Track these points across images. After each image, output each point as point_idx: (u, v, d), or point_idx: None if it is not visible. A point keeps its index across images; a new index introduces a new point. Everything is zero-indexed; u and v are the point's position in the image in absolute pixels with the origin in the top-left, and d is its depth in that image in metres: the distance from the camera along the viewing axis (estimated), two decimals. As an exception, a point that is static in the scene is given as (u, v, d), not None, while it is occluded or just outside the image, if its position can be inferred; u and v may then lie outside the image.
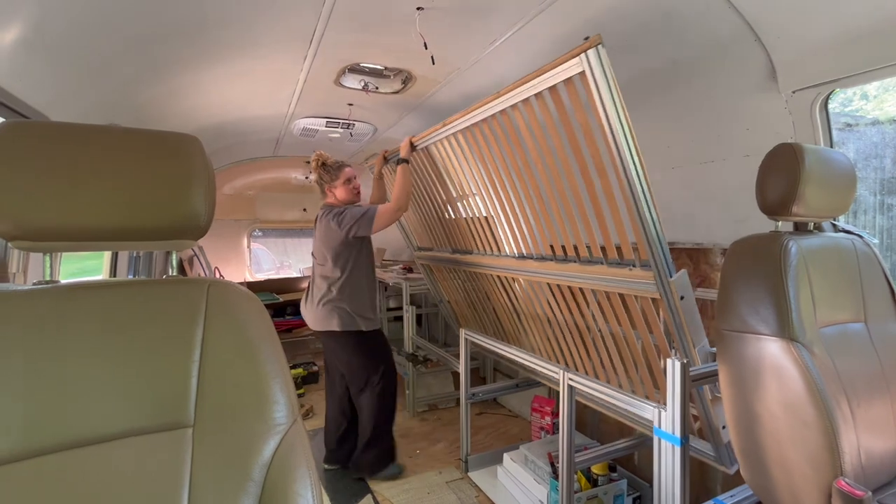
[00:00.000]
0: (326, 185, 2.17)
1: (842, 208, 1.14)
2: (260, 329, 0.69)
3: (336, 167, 2.16)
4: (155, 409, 0.60)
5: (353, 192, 2.18)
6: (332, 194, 2.18)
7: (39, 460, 0.55)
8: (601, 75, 1.13)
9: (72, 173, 0.62)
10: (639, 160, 1.18)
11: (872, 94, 1.63)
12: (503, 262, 1.95)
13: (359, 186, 2.21)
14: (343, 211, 2.06)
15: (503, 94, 1.46)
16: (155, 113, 2.12)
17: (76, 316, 0.62)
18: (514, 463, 2.15)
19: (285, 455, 0.62)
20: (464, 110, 1.67)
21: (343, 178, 2.15)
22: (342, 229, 2.04)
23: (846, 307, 1.08)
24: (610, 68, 1.12)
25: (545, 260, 1.70)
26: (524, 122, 1.49)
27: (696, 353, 1.32)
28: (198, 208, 0.67)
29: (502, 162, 1.67)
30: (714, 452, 1.44)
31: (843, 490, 0.83)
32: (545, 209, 1.59)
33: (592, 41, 1.10)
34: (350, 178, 2.17)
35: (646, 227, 1.21)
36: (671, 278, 1.24)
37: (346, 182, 2.16)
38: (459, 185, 2.07)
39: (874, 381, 1.05)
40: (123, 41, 1.47)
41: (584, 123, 1.28)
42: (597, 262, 1.47)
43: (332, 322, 2.11)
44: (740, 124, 1.60)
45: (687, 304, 1.27)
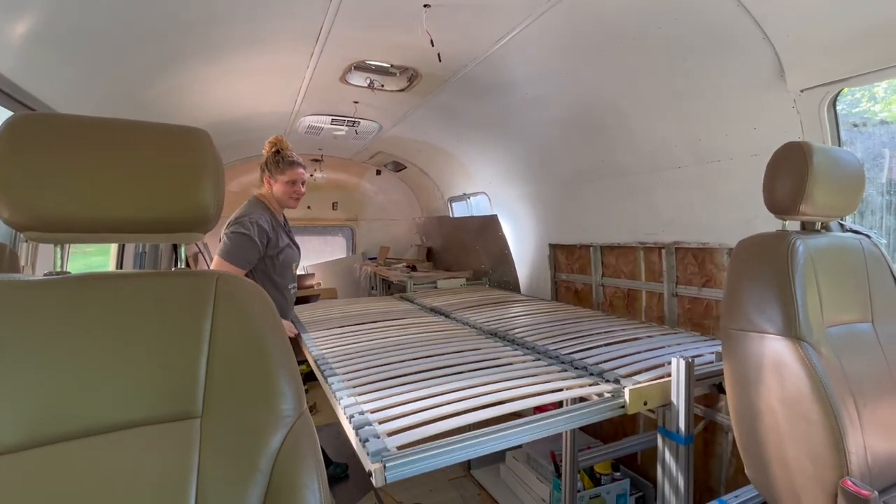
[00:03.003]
0: (267, 174, 1.90)
1: (850, 208, 1.13)
2: (267, 322, 0.69)
3: (289, 161, 1.89)
4: (164, 399, 0.61)
5: (291, 196, 1.91)
6: (268, 186, 1.90)
7: (50, 448, 0.55)
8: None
9: (83, 165, 0.62)
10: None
11: (881, 96, 1.61)
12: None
13: (301, 194, 1.95)
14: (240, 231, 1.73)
15: None
16: (163, 108, 2.13)
17: (86, 306, 0.62)
18: (517, 461, 2.15)
19: (293, 446, 0.63)
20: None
21: (290, 176, 1.89)
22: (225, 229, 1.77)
23: (853, 307, 1.08)
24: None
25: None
26: None
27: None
28: (207, 201, 0.68)
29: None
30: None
31: (850, 490, 0.83)
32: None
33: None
34: (296, 181, 1.91)
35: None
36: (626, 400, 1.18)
37: (290, 182, 1.89)
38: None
39: (881, 382, 1.04)
40: (132, 37, 1.48)
41: None
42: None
43: None
44: (748, 123, 1.59)
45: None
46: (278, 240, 1.86)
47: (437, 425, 1.05)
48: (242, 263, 1.73)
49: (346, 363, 1.51)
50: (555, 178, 2.69)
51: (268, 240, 1.80)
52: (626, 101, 1.91)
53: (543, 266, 2.93)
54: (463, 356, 1.54)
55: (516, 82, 2.10)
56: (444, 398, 1.18)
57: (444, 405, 1.14)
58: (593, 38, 1.63)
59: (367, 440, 0.98)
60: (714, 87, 1.60)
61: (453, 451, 0.97)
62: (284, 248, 1.89)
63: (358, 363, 1.50)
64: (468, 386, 1.26)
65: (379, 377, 1.36)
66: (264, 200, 1.91)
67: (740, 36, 1.38)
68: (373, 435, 1.00)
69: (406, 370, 1.41)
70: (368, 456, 0.93)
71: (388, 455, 0.93)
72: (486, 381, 1.29)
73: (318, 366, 1.54)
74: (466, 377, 1.33)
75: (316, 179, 4.70)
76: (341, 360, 1.56)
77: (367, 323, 2.11)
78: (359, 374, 1.41)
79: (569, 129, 2.30)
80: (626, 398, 1.17)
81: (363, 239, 5.03)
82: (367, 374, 1.40)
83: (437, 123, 2.93)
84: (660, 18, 1.45)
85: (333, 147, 3.85)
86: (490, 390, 1.22)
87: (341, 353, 1.64)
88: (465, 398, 1.18)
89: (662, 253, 2.09)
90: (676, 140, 1.86)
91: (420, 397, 1.19)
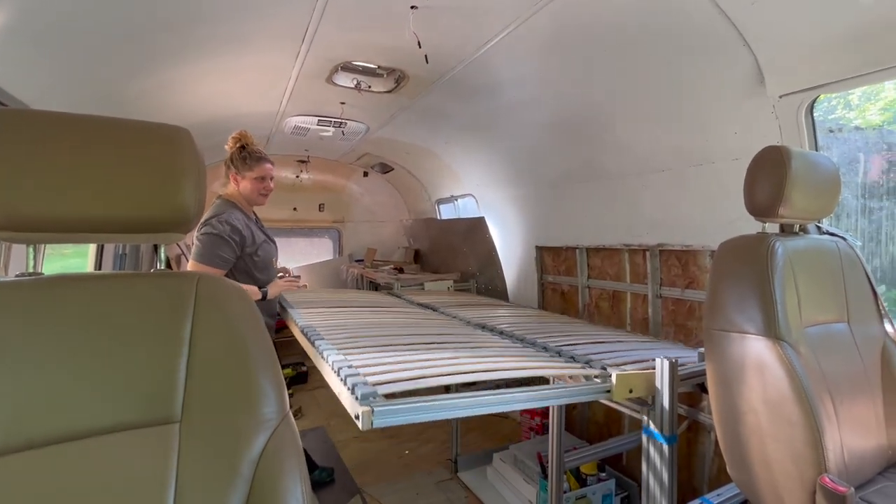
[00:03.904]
0: (234, 172, 1.79)
1: (826, 211, 1.16)
2: (249, 324, 0.68)
3: (256, 157, 1.79)
4: (141, 404, 0.59)
5: (259, 193, 1.82)
6: (235, 184, 1.81)
7: (21, 456, 0.53)
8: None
9: (58, 163, 0.60)
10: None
11: (855, 103, 1.66)
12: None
13: (270, 190, 1.85)
14: (213, 232, 1.66)
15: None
16: (144, 107, 2.09)
17: (59, 308, 0.60)
18: (504, 463, 2.15)
19: (275, 451, 0.61)
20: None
21: (258, 172, 1.79)
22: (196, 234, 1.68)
23: (830, 308, 1.10)
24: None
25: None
26: None
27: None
28: (187, 201, 0.66)
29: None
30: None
31: (827, 486, 0.85)
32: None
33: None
34: (265, 177, 1.81)
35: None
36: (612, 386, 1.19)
37: (259, 179, 1.79)
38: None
39: (857, 380, 1.07)
40: (112, 33, 1.45)
41: None
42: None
43: None
44: (729, 127, 1.62)
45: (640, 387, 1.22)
46: (254, 236, 1.79)
47: (425, 381, 1.05)
48: (218, 263, 1.67)
49: (335, 333, 1.50)
50: (542, 181, 2.71)
51: (241, 237, 1.73)
52: (611, 105, 1.93)
53: (530, 268, 2.94)
54: (452, 337, 1.55)
55: (503, 85, 2.11)
56: (432, 362, 1.19)
57: (432, 367, 1.15)
58: (579, 43, 1.65)
59: (356, 385, 0.99)
60: (697, 92, 1.63)
61: (441, 408, 0.97)
62: (262, 243, 1.83)
63: (346, 333, 1.50)
64: (457, 356, 1.26)
65: (367, 344, 1.36)
66: (232, 200, 1.82)
67: (722, 42, 1.41)
68: (361, 383, 1.01)
69: (395, 341, 1.41)
70: (357, 400, 0.93)
71: (377, 401, 0.93)
72: (474, 354, 1.30)
73: (305, 334, 1.51)
74: (455, 349, 1.34)
75: (302, 181, 4.65)
76: (329, 330, 1.55)
77: (356, 307, 2.08)
78: (347, 340, 1.41)
79: (556, 132, 2.31)
80: (613, 382, 1.18)
81: (350, 241, 4.99)
82: (356, 340, 1.40)
83: (424, 125, 2.93)
84: (644, 24, 1.48)
85: (320, 148, 3.82)
86: (478, 362, 1.23)
87: (329, 325, 1.62)
88: (454, 363, 1.19)
89: (647, 255, 2.12)
90: (661, 143, 1.89)
91: (408, 360, 1.20)
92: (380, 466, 2.42)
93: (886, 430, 1.09)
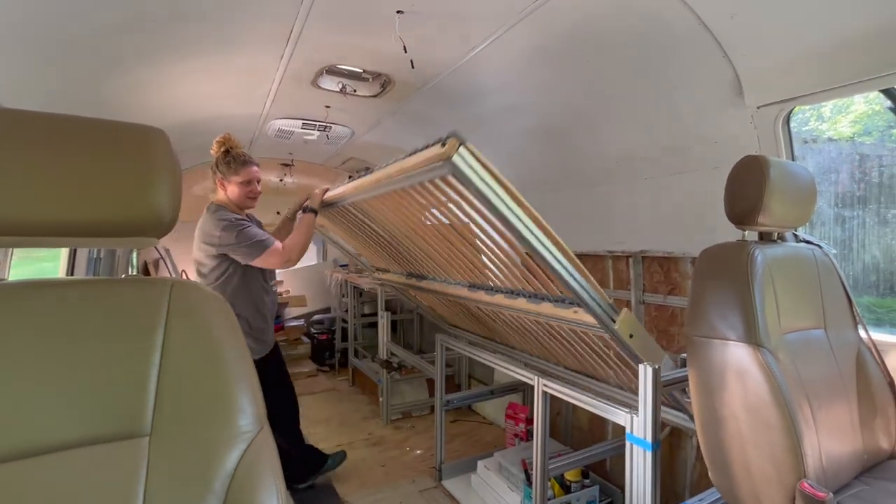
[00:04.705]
0: (220, 177, 1.80)
1: (803, 219, 1.19)
2: (226, 331, 0.65)
3: (241, 161, 1.79)
4: (108, 417, 0.56)
5: (248, 197, 1.83)
6: (222, 189, 1.81)
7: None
8: (471, 175, 0.97)
9: (25, 163, 0.58)
10: (538, 230, 1.04)
11: (827, 116, 1.72)
12: (456, 290, 1.79)
13: (258, 194, 1.87)
14: (238, 224, 1.73)
15: (374, 182, 1.32)
16: (120, 107, 2.03)
17: (25, 316, 0.57)
18: (488, 470, 2.13)
19: (250, 465, 0.59)
20: (356, 182, 1.48)
21: (244, 176, 1.80)
22: (220, 242, 1.73)
23: (808, 314, 1.13)
24: (478, 165, 0.98)
25: (494, 293, 1.55)
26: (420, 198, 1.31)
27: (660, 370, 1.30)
28: (161, 204, 0.64)
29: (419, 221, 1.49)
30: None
31: (806, 492, 0.86)
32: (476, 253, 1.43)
33: (450, 148, 0.95)
34: (252, 180, 1.82)
35: (568, 285, 1.09)
36: (615, 325, 1.14)
37: (245, 183, 1.80)
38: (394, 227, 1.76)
39: (833, 386, 1.09)
40: (86, 30, 1.41)
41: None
42: (543, 299, 1.35)
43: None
44: (709, 137, 1.65)
45: (638, 339, 1.18)
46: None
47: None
48: (268, 239, 1.77)
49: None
50: (525, 187, 2.70)
51: (248, 221, 1.80)
52: (594, 113, 1.96)
53: (515, 274, 2.94)
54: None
55: (488, 91, 2.12)
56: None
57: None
58: (563, 51, 1.67)
59: None
60: (678, 102, 1.66)
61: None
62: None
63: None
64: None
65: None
66: (223, 205, 1.82)
67: (703, 53, 1.44)
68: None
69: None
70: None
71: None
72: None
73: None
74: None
75: (286, 184, 4.59)
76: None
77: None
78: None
79: (539, 139, 2.33)
80: (620, 318, 1.13)
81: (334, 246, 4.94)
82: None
83: (410, 130, 2.92)
84: (627, 34, 1.50)
85: (304, 152, 3.78)
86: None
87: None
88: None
89: (630, 261, 2.14)
90: (643, 152, 1.91)
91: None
92: (362, 475, 2.38)
93: (862, 434, 1.11)
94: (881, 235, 1.59)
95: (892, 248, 1.57)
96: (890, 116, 1.56)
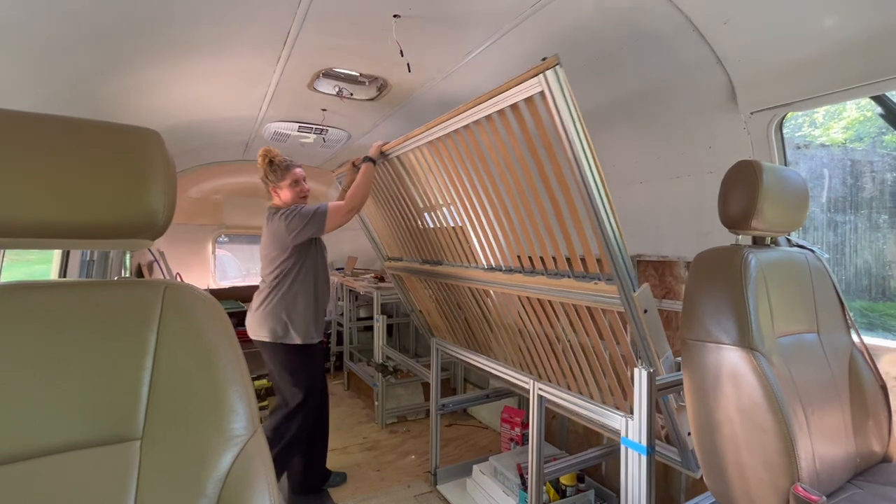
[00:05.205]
0: (272, 185, 2.02)
1: (796, 224, 1.20)
2: (219, 334, 0.65)
3: (284, 166, 2.00)
4: (99, 421, 0.56)
5: (299, 196, 2.03)
6: (276, 195, 2.04)
7: None
8: (559, 94, 1.13)
9: (16, 164, 0.57)
10: (599, 176, 1.18)
11: (820, 122, 1.74)
12: (472, 273, 1.91)
13: (307, 190, 2.07)
14: (293, 211, 1.93)
15: (464, 111, 1.45)
16: (115, 110, 2.02)
17: (15, 318, 0.57)
18: (484, 475, 2.13)
19: (243, 469, 0.59)
20: (427, 123, 1.65)
21: (290, 178, 2.00)
22: (290, 232, 1.91)
23: (801, 318, 1.13)
24: (568, 88, 1.11)
25: (513, 272, 1.68)
26: (488, 138, 1.47)
27: (660, 364, 1.35)
28: (155, 206, 0.64)
29: (468, 175, 1.65)
30: (681, 458, 1.46)
31: (800, 495, 0.86)
32: (511, 222, 1.58)
33: (550, 62, 1.12)
34: (298, 180, 2.02)
35: (608, 242, 1.20)
36: (634, 293, 1.24)
37: (293, 184, 2.00)
38: (428, 196, 2.00)
39: (826, 390, 1.10)
40: (80, 30, 1.40)
41: (546, 141, 1.28)
42: (563, 276, 1.46)
43: (262, 331, 1.97)
44: (704, 142, 1.67)
45: (650, 317, 1.27)
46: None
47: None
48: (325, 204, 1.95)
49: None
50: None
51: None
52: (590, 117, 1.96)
53: (511, 277, 2.95)
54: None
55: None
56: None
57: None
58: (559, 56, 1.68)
59: None
60: (673, 107, 1.67)
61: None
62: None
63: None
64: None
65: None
66: (280, 208, 2.00)
67: (697, 60, 1.46)
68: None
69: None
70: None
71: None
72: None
73: None
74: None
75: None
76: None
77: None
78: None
79: (536, 143, 2.34)
80: (640, 289, 1.22)
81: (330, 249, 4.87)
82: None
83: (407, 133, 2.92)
84: (624, 40, 1.51)
85: (300, 155, 3.76)
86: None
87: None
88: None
89: (625, 265, 2.14)
90: (639, 156, 1.93)
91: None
92: (357, 480, 2.37)
93: (854, 438, 1.12)
94: (873, 240, 1.61)
95: (884, 252, 1.59)
96: (881, 122, 1.58)
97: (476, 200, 1.68)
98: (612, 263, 1.22)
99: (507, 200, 1.54)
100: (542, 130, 1.27)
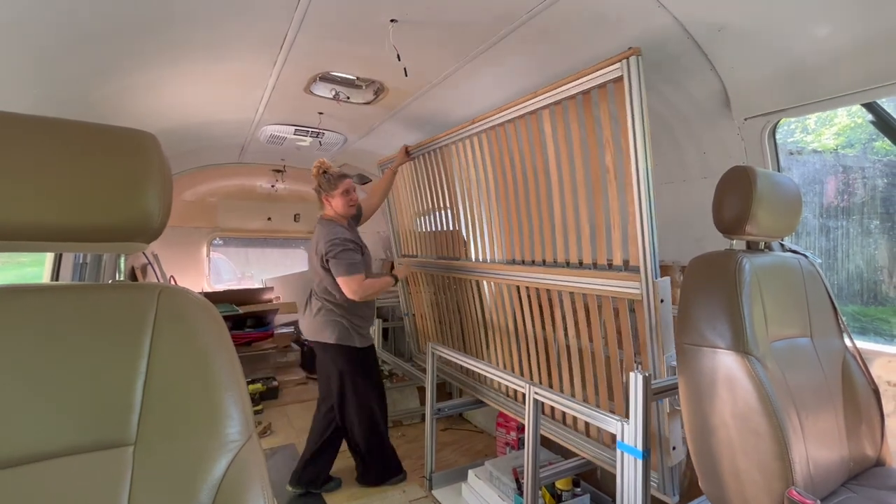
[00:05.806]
0: (324, 194, 2.18)
1: (789, 229, 1.21)
2: (214, 338, 0.64)
3: (336, 177, 2.17)
4: (91, 427, 0.55)
5: (349, 205, 2.19)
6: (328, 204, 2.19)
7: None
8: (636, 81, 1.26)
9: (9, 166, 0.57)
10: (651, 169, 1.32)
11: (812, 128, 1.76)
12: (488, 266, 2.08)
13: (357, 200, 2.22)
14: (344, 248, 2.05)
15: (542, 94, 1.57)
16: (110, 111, 2.01)
17: (6, 322, 0.56)
18: (479, 479, 2.12)
19: (237, 474, 0.58)
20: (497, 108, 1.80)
21: (342, 188, 2.16)
22: (326, 254, 2.06)
23: (794, 323, 1.14)
24: (644, 78, 1.25)
25: (533, 264, 1.82)
26: (550, 125, 1.61)
27: (664, 360, 1.36)
28: (150, 208, 0.63)
29: (519, 167, 1.83)
30: (659, 476, 1.47)
31: (795, 499, 0.86)
32: (548, 218, 1.72)
33: (634, 50, 1.25)
34: (349, 190, 2.18)
35: (643, 228, 1.32)
36: (657, 279, 1.33)
37: (344, 193, 2.16)
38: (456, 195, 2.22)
39: (820, 394, 1.10)
40: (76, 32, 1.39)
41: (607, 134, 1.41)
42: (587, 267, 1.60)
43: (325, 333, 2.12)
44: (699, 148, 1.68)
45: (665, 308, 1.33)
46: (362, 244, 2.18)
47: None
48: (359, 268, 2.05)
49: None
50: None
51: (356, 245, 2.11)
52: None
53: (507, 281, 2.96)
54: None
55: (482, 99, 2.13)
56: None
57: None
58: (554, 60, 1.69)
59: None
60: (668, 113, 1.69)
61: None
62: (364, 246, 2.20)
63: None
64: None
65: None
66: (331, 218, 2.17)
67: (692, 67, 1.47)
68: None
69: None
70: None
71: None
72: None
73: None
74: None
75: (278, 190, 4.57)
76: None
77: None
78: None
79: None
80: (662, 278, 1.34)
81: (326, 252, 4.90)
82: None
83: (403, 137, 2.93)
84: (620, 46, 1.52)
85: (297, 158, 3.76)
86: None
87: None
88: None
89: (621, 269, 2.15)
90: (633, 161, 1.93)
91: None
92: (351, 484, 2.35)
93: (848, 442, 1.13)
94: (865, 245, 1.62)
95: (876, 257, 1.60)
96: (871, 129, 1.60)
97: (518, 192, 1.87)
98: (642, 252, 1.33)
99: (551, 194, 1.69)
100: (607, 122, 1.40)
